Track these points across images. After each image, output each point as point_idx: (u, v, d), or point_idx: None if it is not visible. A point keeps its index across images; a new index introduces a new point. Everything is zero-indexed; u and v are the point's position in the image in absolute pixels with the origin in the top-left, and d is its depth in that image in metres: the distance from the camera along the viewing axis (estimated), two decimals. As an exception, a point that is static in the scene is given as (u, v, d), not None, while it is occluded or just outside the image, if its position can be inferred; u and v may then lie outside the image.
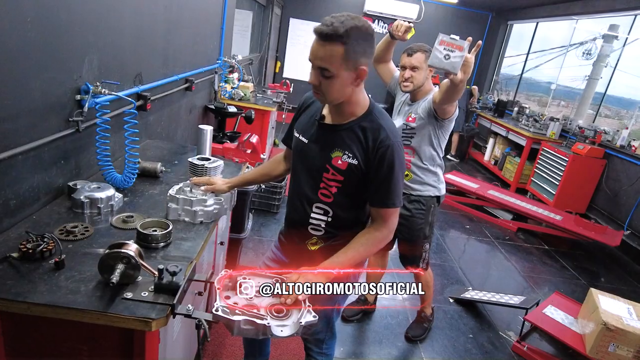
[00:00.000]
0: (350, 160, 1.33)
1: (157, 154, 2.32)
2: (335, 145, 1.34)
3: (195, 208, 1.60)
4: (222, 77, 4.12)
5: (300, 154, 1.44)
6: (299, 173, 1.45)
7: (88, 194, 1.55)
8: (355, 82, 1.25)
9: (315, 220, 1.44)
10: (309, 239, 1.47)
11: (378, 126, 1.32)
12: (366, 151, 1.31)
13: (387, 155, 1.29)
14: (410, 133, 2.27)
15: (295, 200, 1.48)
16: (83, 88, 1.67)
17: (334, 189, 1.38)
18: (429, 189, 2.33)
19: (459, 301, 3.13)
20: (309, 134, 1.41)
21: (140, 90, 2.24)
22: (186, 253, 1.40)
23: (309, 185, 1.41)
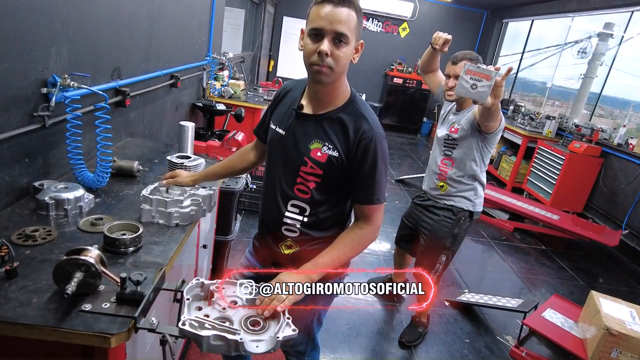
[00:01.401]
0: (330, 152, 1.23)
1: (137, 153, 2.20)
2: (315, 136, 1.25)
3: (170, 209, 1.48)
4: (211, 74, 4.00)
5: (276, 146, 1.33)
6: (274, 167, 1.35)
7: (54, 195, 1.43)
8: (353, 56, 1.20)
9: (289, 219, 1.33)
10: (283, 241, 1.37)
11: (360, 116, 1.23)
12: (347, 142, 1.22)
13: (370, 147, 1.21)
14: (453, 144, 2.21)
15: (269, 198, 1.37)
16: (50, 80, 1.55)
17: (312, 184, 1.28)
18: (463, 201, 2.25)
19: (455, 304, 3.02)
20: (285, 124, 1.31)
21: (119, 85, 2.12)
22: (157, 258, 1.29)
23: (285, 180, 1.31)
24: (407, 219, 2.60)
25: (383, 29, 8.77)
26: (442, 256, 2.31)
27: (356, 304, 2.86)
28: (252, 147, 1.59)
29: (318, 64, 1.14)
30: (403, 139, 8.12)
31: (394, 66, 8.64)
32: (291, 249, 1.36)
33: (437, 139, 2.33)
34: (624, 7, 5.42)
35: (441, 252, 2.30)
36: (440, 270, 2.35)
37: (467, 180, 2.21)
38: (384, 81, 8.96)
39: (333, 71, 1.16)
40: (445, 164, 2.24)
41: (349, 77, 1.28)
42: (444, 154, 2.25)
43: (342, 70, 1.19)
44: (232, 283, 1.15)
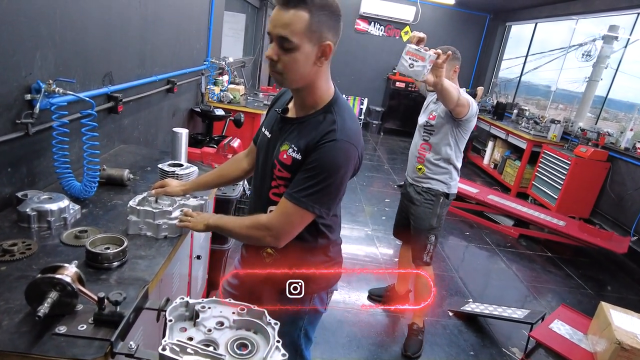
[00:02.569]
0: (294, 155, 1.17)
1: (129, 160, 2.14)
2: (286, 138, 1.21)
3: (158, 221, 1.41)
4: (210, 79, 3.94)
5: (261, 149, 1.33)
6: (258, 171, 1.35)
7: (36, 206, 1.37)
8: (318, 60, 1.10)
9: None
10: (264, 248, 1.33)
11: (331, 121, 1.15)
12: (310, 145, 1.14)
13: (324, 150, 1.11)
14: (431, 130, 2.41)
15: (254, 202, 1.36)
16: (34, 87, 1.49)
17: (282, 188, 1.22)
18: (439, 184, 2.43)
19: (459, 315, 2.93)
20: (270, 127, 1.30)
21: (111, 91, 2.06)
22: (143, 274, 1.22)
23: (263, 184, 1.29)
24: (399, 209, 2.77)
25: (385, 32, 8.71)
26: (432, 236, 2.46)
27: (357, 314, 2.78)
28: (245, 155, 1.54)
29: (270, 69, 1.12)
30: (406, 143, 8.03)
31: (396, 70, 8.57)
32: (271, 256, 1.32)
33: (418, 126, 2.53)
34: (629, 9, 5.34)
35: (430, 232, 2.45)
36: (432, 251, 2.50)
37: (443, 164, 2.40)
38: (386, 85, 8.89)
39: (284, 77, 1.10)
40: (424, 148, 2.44)
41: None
42: (423, 139, 2.45)
43: (299, 77, 1.11)
44: (218, 302, 1.07)
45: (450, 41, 8.79)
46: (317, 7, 1.04)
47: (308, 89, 1.16)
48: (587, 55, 6.44)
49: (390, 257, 3.65)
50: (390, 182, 5.75)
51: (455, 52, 2.32)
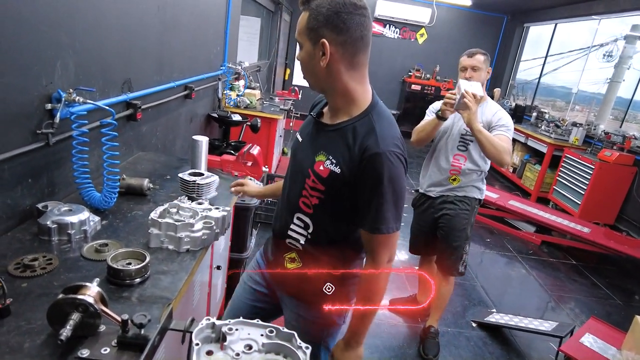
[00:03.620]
0: (332, 168, 1.12)
1: (148, 168, 2.10)
2: (322, 147, 1.15)
3: (180, 234, 1.37)
4: (227, 84, 3.92)
5: (294, 153, 1.30)
6: (289, 174, 1.32)
7: (56, 219, 1.33)
8: (322, 60, 1.06)
9: (294, 232, 1.26)
10: (287, 253, 1.30)
11: (369, 129, 1.09)
12: (352, 158, 1.09)
13: (373, 165, 1.06)
14: (469, 139, 2.28)
15: (281, 205, 1.34)
16: (54, 96, 1.46)
17: (315, 200, 1.18)
18: (474, 190, 2.37)
19: (483, 325, 2.84)
20: (304, 132, 1.27)
21: (130, 99, 2.03)
22: (165, 291, 1.17)
23: (293, 190, 1.25)
24: (418, 225, 2.60)
25: (400, 35, 8.63)
26: (466, 246, 2.39)
27: (378, 325, 2.71)
28: None
29: None
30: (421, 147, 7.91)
31: (411, 73, 8.48)
32: (294, 263, 1.28)
33: (450, 135, 2.34)
34: (655, 9, 5.17)
35: (465, 242, 2.37)
36: (466, 260, 2.44)
37: (477, 172, 2.34)
38: (401, 88, 8.81)
39: (305, 77, 1.15)
40: (458, 159, 2.32)
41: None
42: (459, 150, 2.32)
43: (312, 77, 1.13)
44: (246, 323, 1.02)
45: (467, 43, 8.67)
46: (317, 7, 1.04)
47: (337, 93, 1.12)
48: (608, 55, 6.29)
49: (409, 263, 3.56)
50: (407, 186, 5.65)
51: (485, 54, 2.30)
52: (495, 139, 2.07)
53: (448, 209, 2.37)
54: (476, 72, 2.27)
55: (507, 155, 2.08)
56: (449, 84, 8.16)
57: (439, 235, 2.44)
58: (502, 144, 2.07)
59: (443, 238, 2.41)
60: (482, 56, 2.28)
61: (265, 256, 1.43)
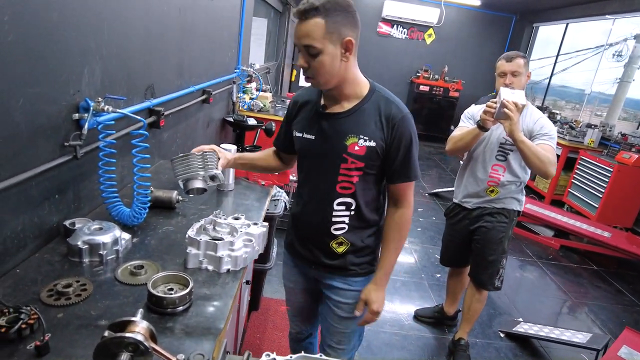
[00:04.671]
0: (368, 143, 1.26)
1: (171, 178, 2.00)
2: (348, 131, 1.27)
3: (220, 253, 1.27)
4: (241, 87, 3.82)
5: (309, 152, 1.35)
6: (311, 173, 1.38)
7: (87, 238, 1.24)
8: (344, 56, 1.19)
9: (338, 218, 1.36)
10: (334, 239, 1.39)
11: (386, 100, 1.28)
12: (382, 129, 1.27)
13: (403, 128, 1.27)
14: (509, 149, 2.14)
15: (312, 203, 1.39)
16: (82, 105, 1.36)
17: (355, 178, 1.31)
18: (513, 202, 2.24)
19: (511, 336, 2.75)
20: (314, 129, 1.32)
21: (153, 105, 1.94)
22: (211, 321, 1.08)
23: (326, 183, 1.33)
24: (450, 237, 2.49)
25: (408, 35, 8.53)
26: (503, 259, 2.29)
27: (405, 337, 2.62)
28: (273, 153, 1.58)
29: (304, 76, 1.24)
30: (430, 149, 7.83)
31: (419, 73, 8.38)
32: (343, 245, 1.39)
33: (487, 144, 2.19)
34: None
35: (501, 255, 2.28)
36: (503, 275, 2.33)
37: (517, 182, 2.20)
38: (409, 89, 8.71)
39: (318, 80, 1.21)
40: (496, 170, 2.17)
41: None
42: (497, 160, 2.17)
43: (331, 77, 1.20)
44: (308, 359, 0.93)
45: (475, 43, 8.60)
46: (330, 11, 1.12)
47: (346, 83, 1.24)
48: (617, 55, 6.21)
49: (429, 270, 3.47)
50: (420, 189, 5.56)
51: (524, 57, 2.15)
52: (539, 150, 1.94)
53: (485, 222, 2.25)
54: (516, 77, 2.10)
55: (552, 166, 1.95)
56: (458, 84, 8.07)
57: (473, 247, 2.33)
58: (547, 154, 1.94)
59: (478, 251, 2.30)
60: (522, 60, 2.11)
61: (303, 259, 1.49)
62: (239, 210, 1.75)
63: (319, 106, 1.31)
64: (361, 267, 1.42)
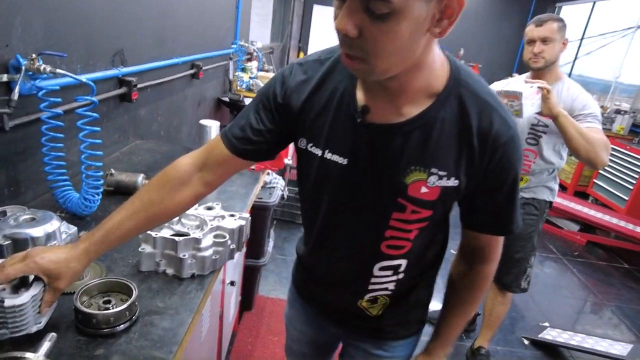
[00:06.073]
0: (444, 183, 0.72)
1: (147, 160, 1.73)
2: (410, 160, 0.72)
3: (182, 254, 0.99)
4: (239, 64, 3.52)
5: (334, 184, 0.78)
6: (337, 217, 0.82)
7: (11, 232, 0.95)
8: (436, 25, 0.60)
9: (378, 284, 0.88)
10: (365, 298, 0.91)
11: (481, 104, 0.69)
12: (472, 159, 0.71)
13: (509, 157, 0.72)
14: (542, 131, 1.82)
15: (336, 263, 0.89)
16: (12, 64, 1.08)
17: (414, 233, 0.80)
18: (545, 191, 1.94)
19: (537, 343, 2.44)
20: (346, 147, 0.74)
21: (122, 74, 1.65)
22: (160, 346, 0.79)
23: (365, 236, 0.82)
24: None
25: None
26: (532, 257, 2.02)
27: (417, 344, 2.33)
28: (198, 165, 0.84)
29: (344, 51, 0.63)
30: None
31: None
32: (378, 306, 0.92)
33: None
34: None
35: (530, 253, 2.00)
36: (530, 275, 2.05)
37: (550, 169, 1.89)
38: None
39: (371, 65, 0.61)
40: (527, 155, 1.87)
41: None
42: (527, 143, 1.88)
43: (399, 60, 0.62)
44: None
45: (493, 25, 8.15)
46: None
47: (417, 70, 0.66)
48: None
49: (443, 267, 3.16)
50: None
51: (559, 20, 1.79)
52: (585, 129, 1.61)
53: None
54: (547, 45, 1.77)
55: (604, 151, 1.60)
56: (475, 67, 7.66)
57: None
58: (597, 135, 1.60)
59: (503, 248, 2.00)
60: (555, 24, 1.76)
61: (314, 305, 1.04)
62: (221, 198, 1.46)
63: (353, 107, 0.73)
64: (404, 327, 0.97)
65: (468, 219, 0.83)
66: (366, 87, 0.72)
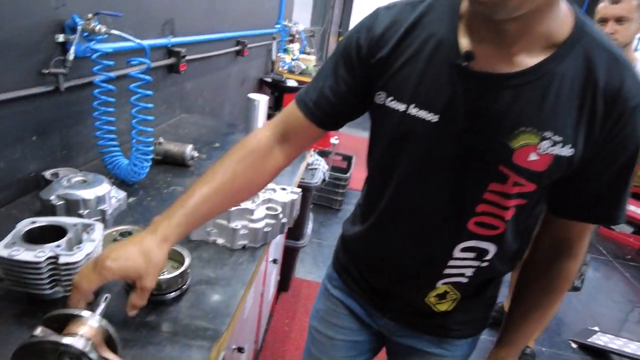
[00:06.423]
0: (557, 151, 0.60)
1: (193, 133, 1.70)
2: (520, 120, 0.60)
3: (234, 224, 0.94)
4: (281, 45, 3.47)
5: (420, 146, 0.67)
6: (415, 185, 0.70)
7: (63, 192, 0.94)
8: None
9: (455, 269, 0.74)
10: (434, 291, 0.78)
11: (614, 60, 0.58)
12: (593, 122, 0.59)
13: (634, 124, 0.59)
14: None
15: (403, 239, 0.76)
16: (68, 24, 1.05)
17: (511, 212, 0.66)
18: None
19: (585, 347, 2.30)
20: (437, 101, 0.63)
21: (172, 44, 1.62)
22: (212, 316, 0.75)
23: (450, 210, 0.69)
24: None
25: None
26: (587, 254, 1.94)
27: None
28: (275, 136, 0.76)
29: None
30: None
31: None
32: (448, 302, 0.79)
33: None
34: None
35: (587, 250, 1.89)
36: (585, 273, 1.96)
37: None
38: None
39: None
40: None
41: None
42: None
43: None
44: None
45: None
46: None
47: (542, 11, 0.56)
48: None
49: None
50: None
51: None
52: None
53: None
54: (622, 25, 1.63)
55: None
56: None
57: None
58: None
59: None
60: (634, 1, 1.62)
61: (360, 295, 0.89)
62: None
63: (454, 52, 0.62)
64: (470, 325, 0.85)
65: (563, 203, 0.69)
66: (472, 31, 0.62)
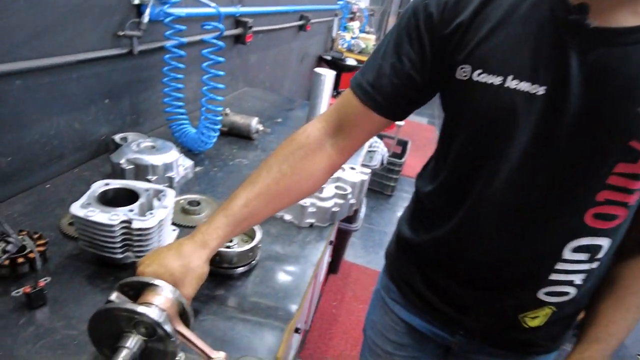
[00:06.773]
0: None
1: (256, 107, 1.67)
2: None
3: (304, 201, 0.90)
4: (342, 22, 3.36)
5: (523, 124, 0.54)
6: (517, 173, 0.56)
7: (133, 157, 0.93)
8: None
9: (564, 274, 0.60)
10: (533, 310, 0.64)
11: None
12: None
13: None
14: None
15: (499, 244, 0.62)
16: (145, -16, 1.03)
17: (636, 195, 0.54)
18: None
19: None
20: (542, 69, 0.52)
21: (240, 14, 1.58)
22: (281, 296, 0.71)
23: (563, 202, 0.56)
24: None
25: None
26: None
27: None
28: (326, 130, 0.67)
29: None
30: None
31: None
32: (540, 317, 0.65)
33: None
34: None
35: None
36: None
37: None
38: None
39: None
40: None
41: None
42: None
43: None
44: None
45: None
46: None
47: None
48: None
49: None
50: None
51: None
52: None
53: None
54: None
55: None
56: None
57: None
58: None
59: None
60: None
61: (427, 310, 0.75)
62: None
63: (562, 5, 0.51)
64: (558, 338, 0.72)
65: None
66: None
